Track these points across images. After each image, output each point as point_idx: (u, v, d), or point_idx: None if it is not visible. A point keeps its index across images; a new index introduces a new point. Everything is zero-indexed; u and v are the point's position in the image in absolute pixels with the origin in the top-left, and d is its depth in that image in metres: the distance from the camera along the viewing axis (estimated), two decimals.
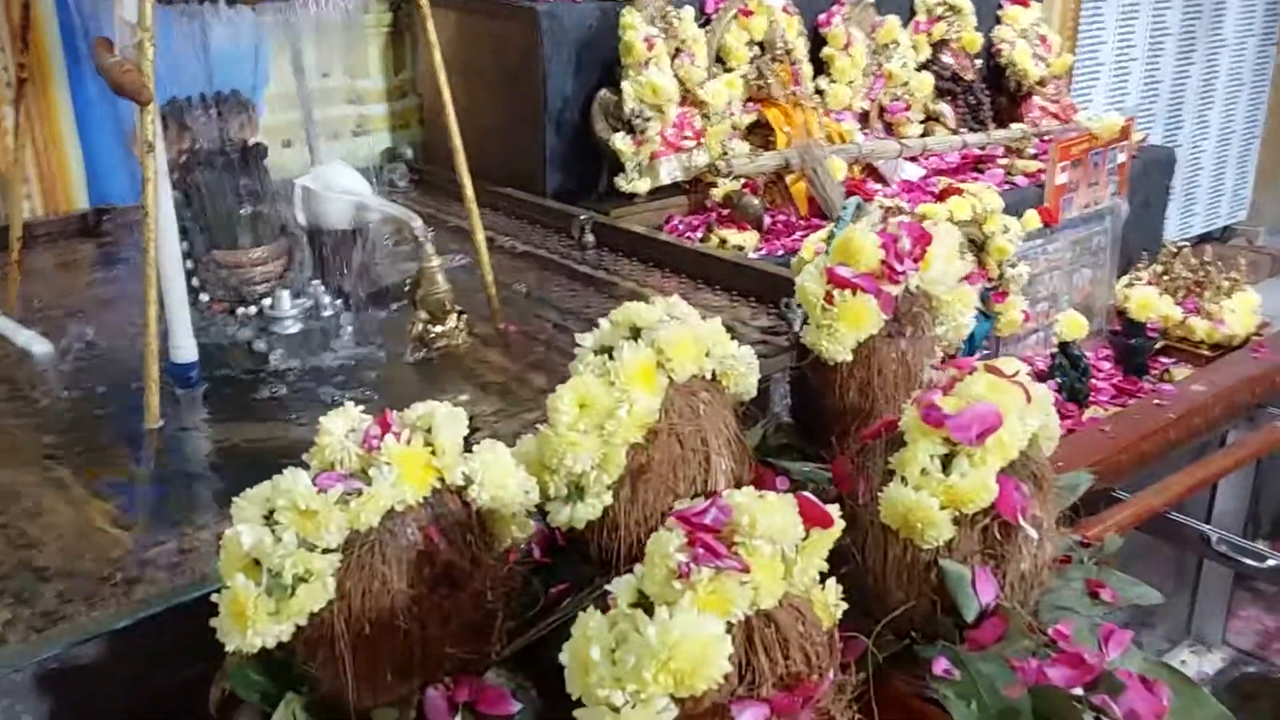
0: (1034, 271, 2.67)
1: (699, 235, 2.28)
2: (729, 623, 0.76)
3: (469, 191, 1.73)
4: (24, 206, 2.17)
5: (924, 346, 1.29)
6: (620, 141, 2.29)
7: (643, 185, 2.33)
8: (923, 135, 2.88)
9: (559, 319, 1.83)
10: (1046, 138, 2.84)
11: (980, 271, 2.53)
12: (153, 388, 1.42)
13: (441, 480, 0.90)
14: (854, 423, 1.25)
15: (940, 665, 0.97)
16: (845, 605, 0.94)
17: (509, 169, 2.43)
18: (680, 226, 2.33)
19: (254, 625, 0.82)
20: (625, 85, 2.28)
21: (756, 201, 2.32)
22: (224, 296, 1.61)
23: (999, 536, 1.00)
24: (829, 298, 1.21)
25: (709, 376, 1.10)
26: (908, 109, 2.89)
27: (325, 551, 0.85)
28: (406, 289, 1.68)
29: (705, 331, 1.09)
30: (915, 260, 1.26)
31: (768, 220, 2.36)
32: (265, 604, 0.83)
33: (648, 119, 2.28)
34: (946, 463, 0.99)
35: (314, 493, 0.82)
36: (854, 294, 1.20)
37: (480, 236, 1.72)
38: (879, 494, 1.00)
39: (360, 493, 0.84)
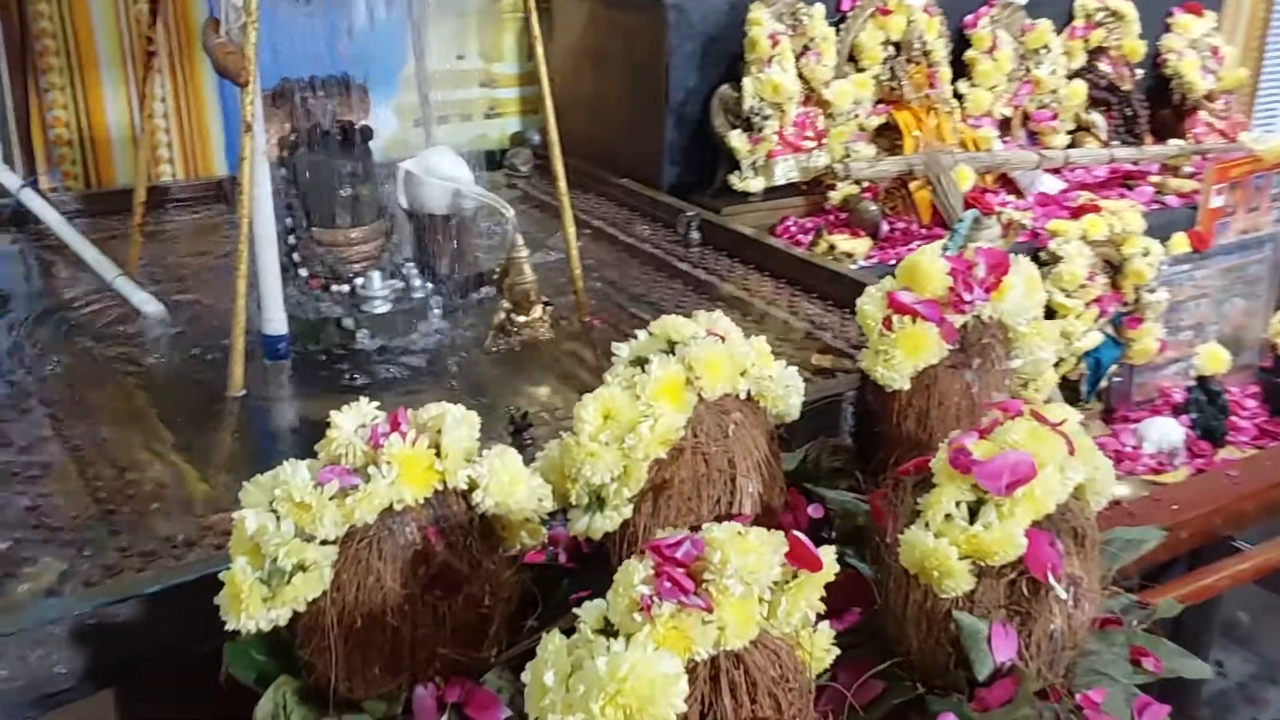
0: (1178, 298, 2.53)
1: (809, 239, 2.23)
2: (691, 661, 0.75)
3: (561, 184, 1.74)
4: (165, 171, 2.30)
5: (993, 380, 1.23)
6: (736, 139, 2.26)
7: (756, 184, 2.29)
8: (1070, 146, 2.75)
9: (650, 316, 1.81)
10: (1206, 157, 2.68)
11: (1114, 295, 2.42)
12: (237, 358, 1.48)
13: (444, 483, 0.90)
14: (910, 453, 1.21)
15: None
16: (855, 647, 0.92)
17: (630, 160, 2.43)
18: (793, 229, 2.29)
19: (247, 609, 0.85)
20: (746, 82, 2.24)
21: (874, 207, 2.26)
22: (322, 273, 1.66)
23: (1026, 593, 0.95)
24: (887, 322, 1.17)
25: (744, 396, 1.08)
26: (1055, 118, 2.76)
27: (323, 543, 0.87)
28: (494, 278, 1.70)
29: (742, 350, 1.07)
30: (988, 289, 1.20)
31: (885, 227, 2.29)
32: (259, 589, 0.85)
33: (766, 117, 2.24)
34: (975, 510, 0.95)
35: (309, 486, 0.84)
36: (914, 321, 1.16)
37: (570, 228, 1.73)
38: (901, 535, 0.96)
39: (357, 489, 0.86)
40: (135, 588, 1.07)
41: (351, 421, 0.90)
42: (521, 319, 1.67)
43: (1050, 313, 2.34)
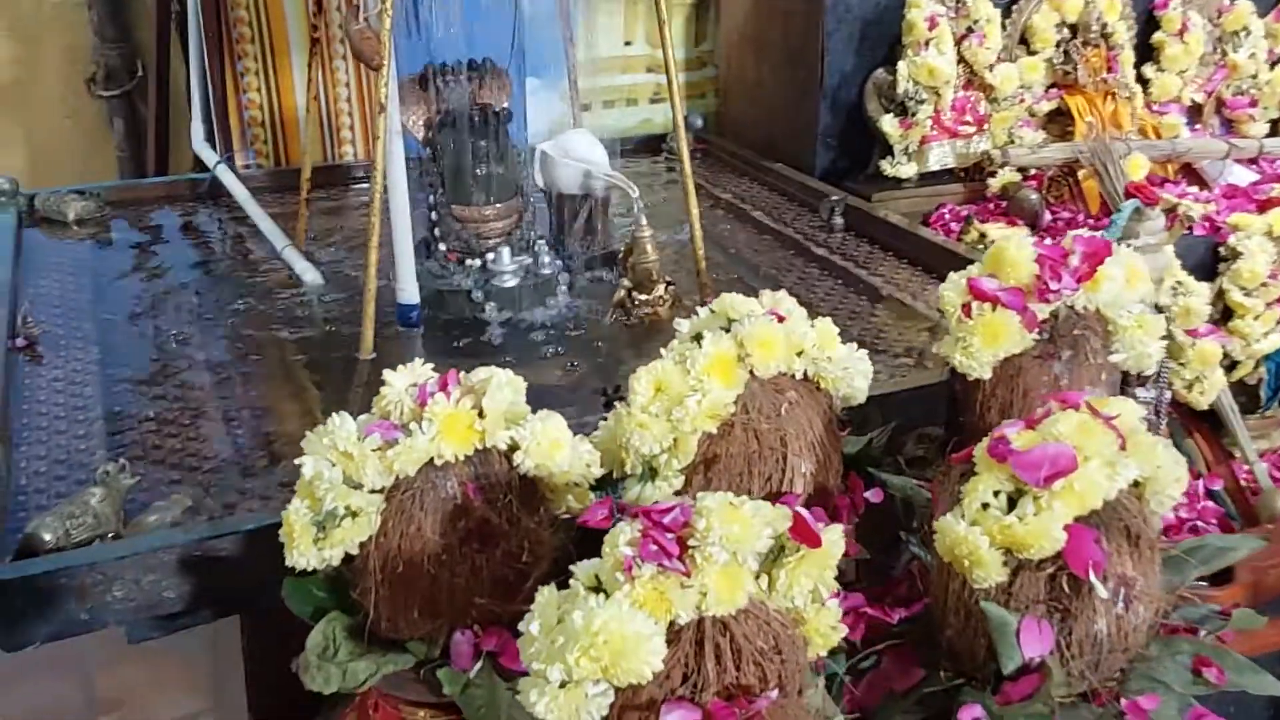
0: None
1: (961, 228, 2.17)
2: (674, 624, 0.77)
3: (686, 164, 1.76)
4: (348, 151, 2.46)
5: (1086, 373, 1.19)
6: (888, 123, 2.22)
7: (908, 170, 2.24)
8: (1270, 135, 2.56)
9: None
10: None
11: None
12: (368, 324, 1.58)
13: (485, 442, 0.96)
14: None
15: (969, 713, 0.92)
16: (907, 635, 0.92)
17: (785, 145, 2.43)
18: (948, 216, 2.23)
19: (299, 547, 0.93)
20: (900, 65, 2.20)
21: (1034, 196, 2.18)
22: (458, 248, 1.75)
23: (1067, 589, 0.92)
24: (967, 309, 1.15)
25: (800, 376, 1.08)
26: (1253, 105, 2.57)
27: (371, 492, 0.94)
28: (620, 256, 1.75)
29: (801, 330, 1.08)
30: (1080, 278, 1.16)
31: (1047, 217, 2.20)
32: (310, 530, 0.93)
33: (920, 101, 2.19)
34: (1015, 501, 0.93)
35: (352, 437, 0.91)
36: (994, 308, 1.13)
37: (694, 209, 1.75)
38: (936, 522, 0.95)
39: (397, 443, 0.92)
40: (234, 525, 1.17)
41: (403, 380, 0.97)
42: (643, 297, 1.71)
43: (1228, 312, 2.20)
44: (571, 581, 0.80)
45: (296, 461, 0.95)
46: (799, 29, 2.35)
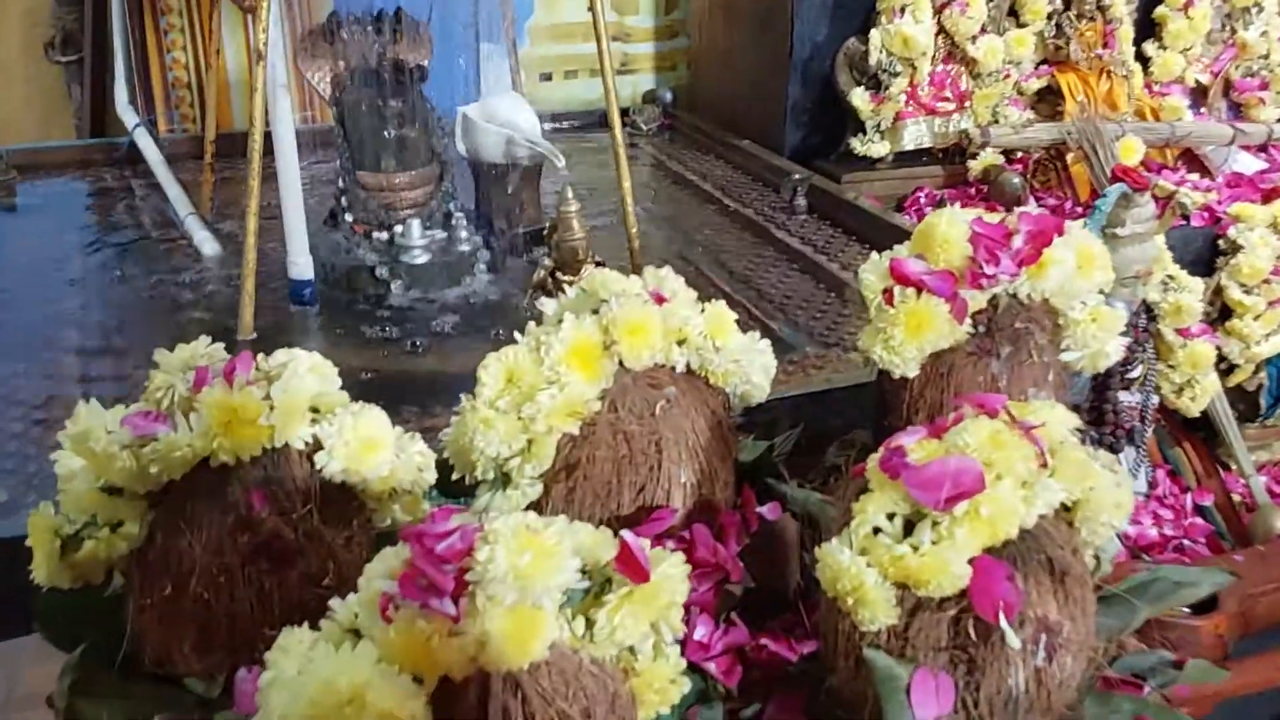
0: None
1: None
2: (443, 680, 0.61)
3: (617, 133, 1.59)
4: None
5: (1029, 373, 1.02)
6: (859, 97, 2.04)
7: (880, 149, 2.06)
8: None
9: (731, 289, 1.65)
10: None
11: None
12: (246, 301, 1.42)
13: (276, 440, 0.79)
14: None
15: None
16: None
17: (754, 121, 2.26)
18: (923, 201, 2.05)
19: (42, 563, 0.77)
20: (873, 33, 2.02)
21: (1017, 181, 2.00)
22: (365, 219, 1.59)
23: (974, 636, 0.75)
24: (888, 295, 0.98)
25: (683, 369, 0.91)
26: (1264, 87, 2.37)
27: (134, 498, 0.78)
28: (544, 234, 1.58)
29: (683, 315, 0.91)
30: (1023, 262, 0.98)
31: (1032, 203, 2.02)
32: (52, 543, 0.77)
33: (894, 74, 2.01)
34: (910, 527, 0.76)
35: (101, 431, 0.75)
36: (919, 295, 0.96)
37: (625, 182, 1.58)
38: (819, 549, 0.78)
39: (157, 439, 0.76)
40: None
41: (178, 361, 0.80)
42: (567, 279, 1.54)
43: (1226, 311, 2.02)
44: (324, 621, 0.64)
45: (52, 458, 0.79)
46: None
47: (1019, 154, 2.10)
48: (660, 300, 0.92)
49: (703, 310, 0.94)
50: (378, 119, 1.54)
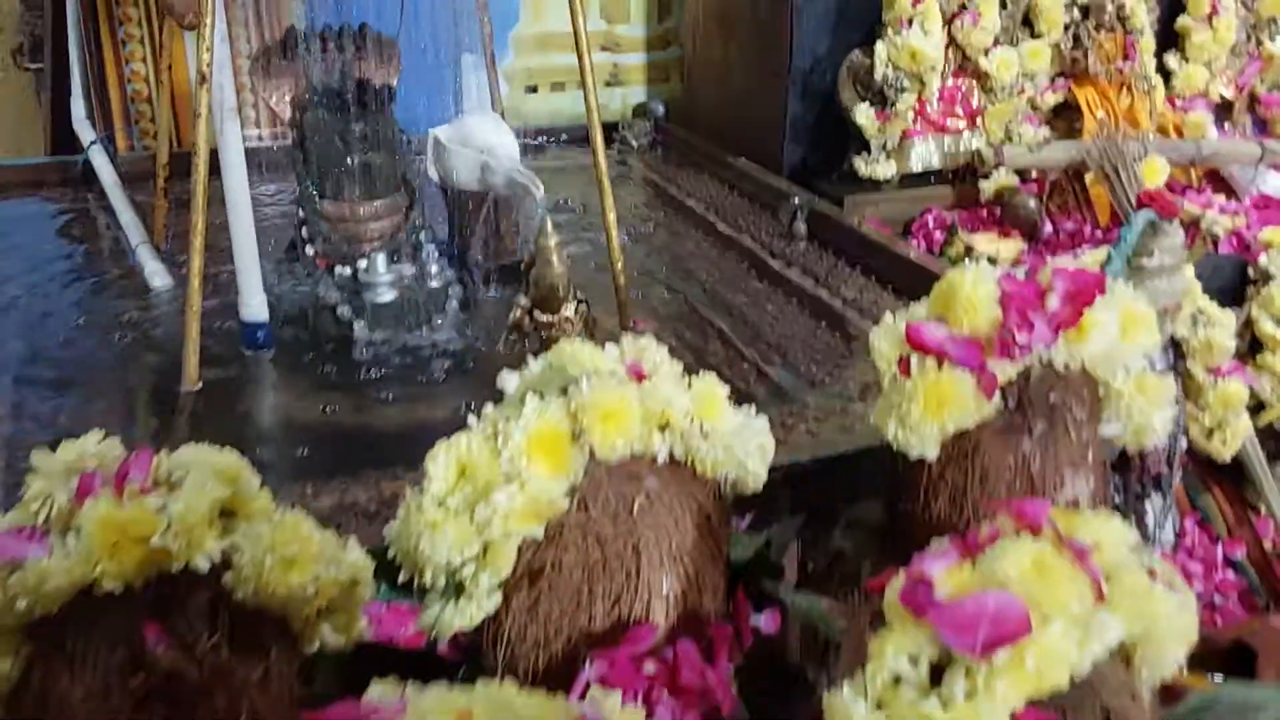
0: None
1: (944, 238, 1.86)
2: None
3: (600, 159, 1.46)
4: (252, 133, 2.16)
5: (1066, 452, 0.89)
6: (863, 114, 1.91)
7: (885, 170, 1.93)
8: None
9: (726, 327, 1.52)
10: None
11: None
12: (191, 347, 1.29)
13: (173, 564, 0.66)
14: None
15: None
16: None
17: (750, 136, 2.12)
18: (931, 224, 1.92)
19: None
20: (879, 46, 1.89)
21: (1032, 204, 1.87)
22: (329, 252, 1.45)
23: None
24: (904, 365, 0.85)
25: (665, 458, 0.78)
26: None
27: (3, 632, 0.65)
28: (522, 269, 1.45)
29: (665, 395, 0.77)
30: (1060, 326, 0.85)
31: (1048, 229, 1.90)
32: None
33: (901, 89, 1.88)
34: (941, 671, 0.62)
35: None
36: (940, 366, 0.83)
37: (610, 213, 1.45)
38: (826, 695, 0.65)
39: (23, 564, 0.62)
40: None
41: (60, 463, 0.67)
42: (545, 318, 1.41)
43: (1256, 344, 1.88)
44: None
45: None
46: (768, 2, 2.03)
47: (1033, 174, 1.97)
48: (640, 376, 0.78)
49: (689, 385, 0.81)
50: (340, 144, 1.41)
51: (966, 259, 1.74)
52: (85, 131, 1.97)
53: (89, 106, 2.01)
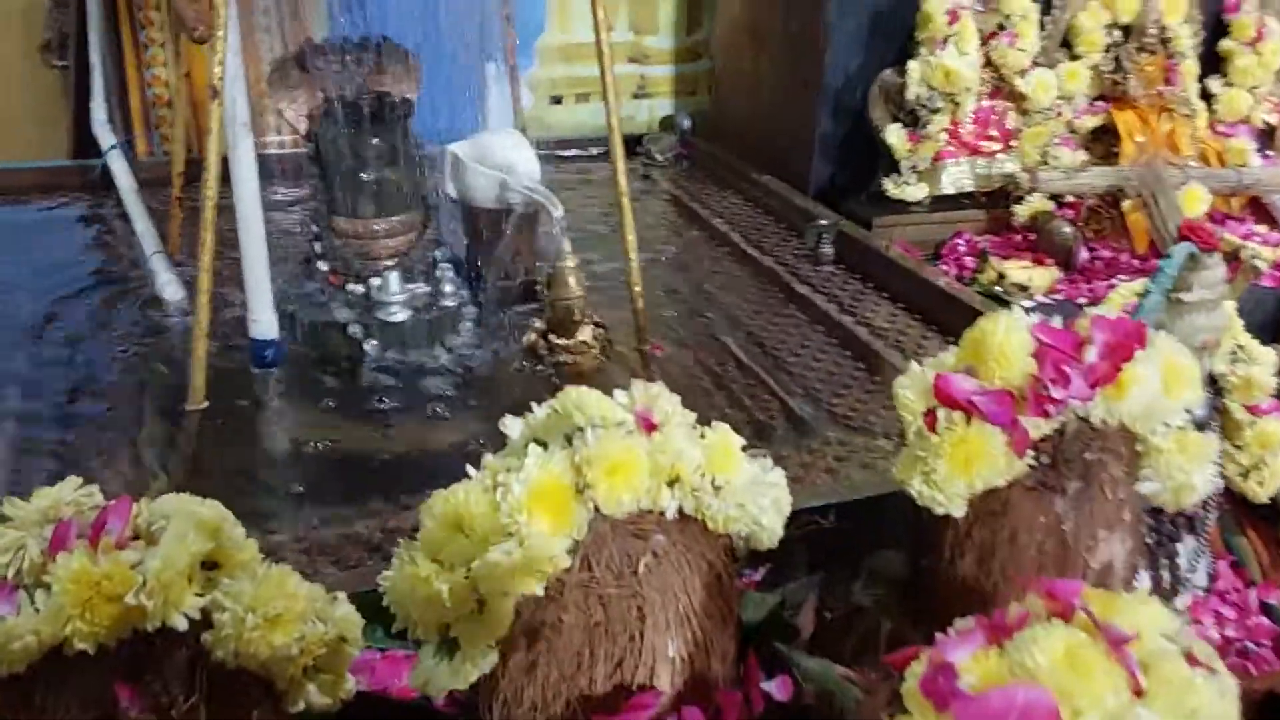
0: None
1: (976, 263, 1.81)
2: None
3: (622, 181, 1.41)
4: (272, 139, 2.13)
5: (1101, 512, 0.84)
6: (894, 134, 1.86)
7: (916, 191, 1.88)
8: None
9: (746, 355, 1.47)
10: None
11: None
12: (198, 366, 1.26)
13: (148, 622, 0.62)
14: (968, 604, 0.84)
15: None
16: None
17: (778, 152, 2.08)
18: (962, 249, 1.87)
19: None
20: (912, 65, 1.84)
21: (1068, 230, 1.81)
22: (342, 269, 1.42)
23: None
24: (931, 419, 0.80)
25: (674, 514, 0.74)
26: None
27: None
28: (538, 289, 1.41)
29: (675, 448, 0.73)
30: (1098, 381, 0.81)
31: (1084, 256, 1.84)
32: None
33: (934, 110, 1.83)
34: None
35: None
36: (969, 421, 0.79)
37: (630, 236, 1.41)
38: None
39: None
40: None
41: (34, 512, 0.64)
42: (561, 342, 1.37)
43: None
44: None
45: None
46: (800, 16, 1.99)
47: (1069, 199, 1.91)
48: (650, 426, 0.74)
49: (702, 435, 0.77)
50: (355, 159, 1.38)
51: (998, 286, 1.69)
52: (105, 136, 1.95)
53: (110, 110, 1.99)
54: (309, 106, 1.43)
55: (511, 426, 0.77)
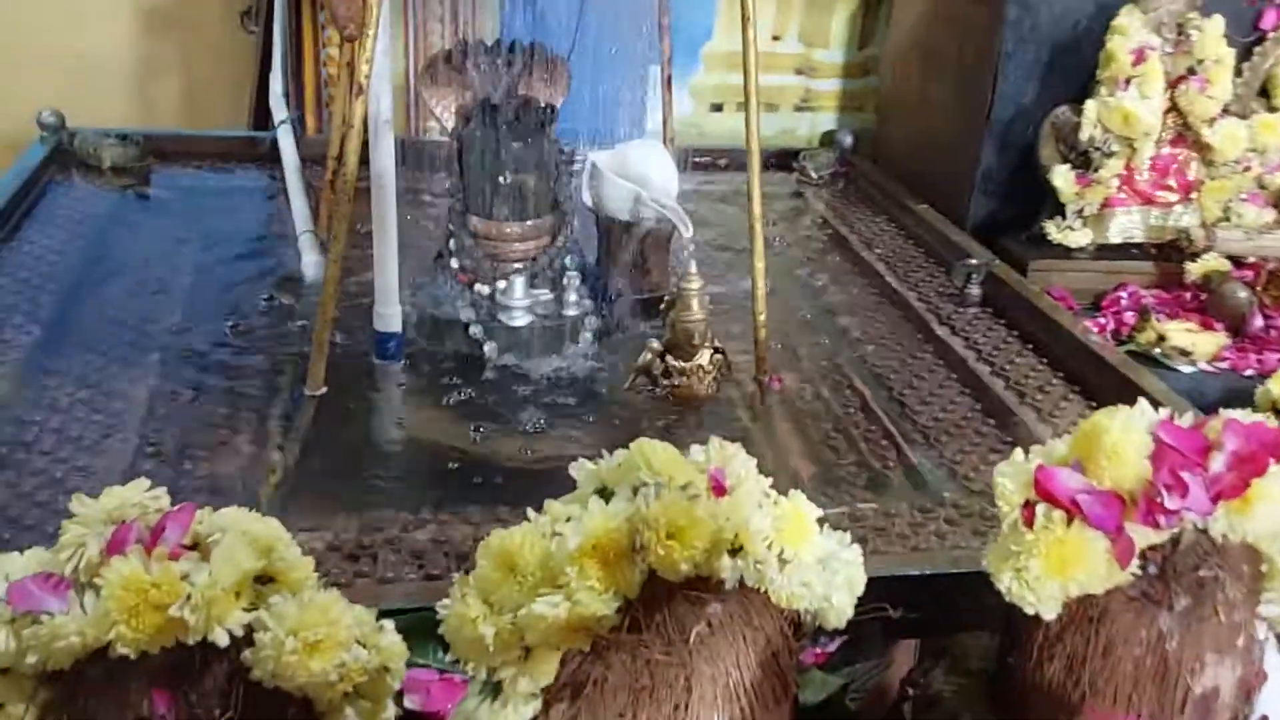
0: None
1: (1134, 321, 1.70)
2: None
3: (756, 205, 1.38)
4: (436, 125, 2.17)
5: (1210, 634, 0.77)
6: (1061, 176, 1.76)
7: (1080, 238, 1.78)
8: None
9: (871, 392, 1.42)
10: None
11: None
12: (319, 354, 1.29)
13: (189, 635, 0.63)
14: (1053, 712, 0.79)
15: None
16: None
17: (938, 181, 2.00)
18: (1124, 302, 1.76)
19: None
20: (1089, 105, 1.73)
21: (1244, 294, 1.68)
22: (472, 269, 1.43)
23: None
24: (1028, 512, 0.75)
25: (734, 584, 0.71)
26: None
27: (18, 676, 0.63)
28: (662, 309, 1.39)
29: (743, 514, 0.70)
30: (1221, 494, 0.74)
31: (1258, 323, 1.71)
32: None
33: (1109, 154, 1.72)
34: None
35: None
36: (1070, 522, 0.73)
37: (759, 261, 1.37)
38: None
39: (40, 618, 0.61)
40: None
41: (100, 510, 0.65)
42: (678, 364, 1.35)
43: None
44: None
45: None
46: (974, 45, 1.91)
47: (1249, 260, 1.78)
48: (719, 490, 0.71)
49: (775, 502, 0.73)
50: (495, 161, 1.38)
51: (1157, 349, 1.59)
52: (279, 109, 2.02)
53: (285, 84, 2.05)
54: (456, 104, 1.44)
55: (581, 469, 0.75)
